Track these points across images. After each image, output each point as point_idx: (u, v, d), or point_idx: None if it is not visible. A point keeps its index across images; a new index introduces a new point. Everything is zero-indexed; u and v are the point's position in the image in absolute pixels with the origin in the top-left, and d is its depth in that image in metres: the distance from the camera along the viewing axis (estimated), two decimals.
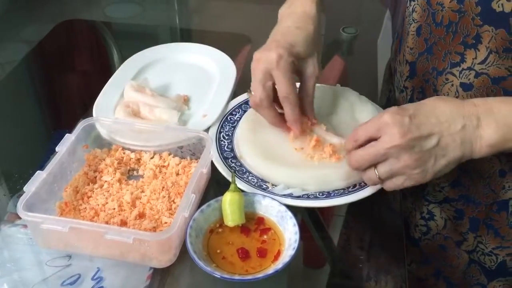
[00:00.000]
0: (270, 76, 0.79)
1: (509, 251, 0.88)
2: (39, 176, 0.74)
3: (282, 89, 0.79)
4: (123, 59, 1.11)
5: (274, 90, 0.81)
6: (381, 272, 0.77)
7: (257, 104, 0.81)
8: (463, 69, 0.80)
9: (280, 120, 0.84)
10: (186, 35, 1.47)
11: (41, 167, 0.76)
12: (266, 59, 0.79)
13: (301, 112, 0.83)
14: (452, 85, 0.82)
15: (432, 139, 0.69)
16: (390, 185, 0.74)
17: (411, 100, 0.93)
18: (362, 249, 0.81)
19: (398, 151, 0.69)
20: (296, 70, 0.82)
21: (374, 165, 0.72)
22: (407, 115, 0.69)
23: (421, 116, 0.70)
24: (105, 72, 1.21)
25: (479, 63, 0.78)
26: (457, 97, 0.82)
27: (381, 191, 0.79)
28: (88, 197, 0.80)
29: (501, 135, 0.69)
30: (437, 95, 0.85)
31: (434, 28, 0.83)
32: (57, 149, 0.79)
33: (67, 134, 0.82)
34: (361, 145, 0.73)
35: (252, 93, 0.81)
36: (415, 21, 0.87)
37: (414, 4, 0.87)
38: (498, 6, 0.72)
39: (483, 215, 0.88)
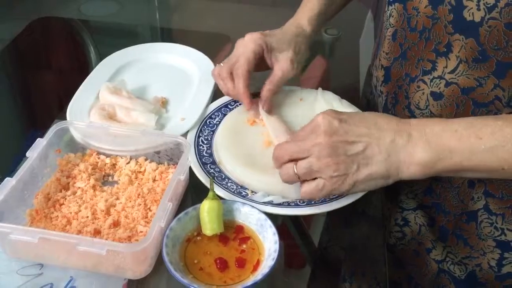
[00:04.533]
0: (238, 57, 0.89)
1: (478, 262, 0.87)
2: (8, 183, 0.71)
3: (240, 61, 0.87)
4: (100, 58, 1.08)
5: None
6: (361, 273, 0.76)
7: (216, 72, 0.91)
8: (434, 77, 0.79)
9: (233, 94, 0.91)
10: (165, 34, 1.44)
11: (12, 172, 0.73)
12: (242, 39, 0.90)
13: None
14: (423, 93, 0.82)
15: (358, 145, 0.68)
16: (307, 188, 0.71)
17: (386, 105, 0.92)
18: (343, 250, 0.80)
19: (320, 150, 0.68)
20: (270, 59, 0.90)
21: (295, 161, 0.71)
22: (337, 119, 0.69)
23: (351, 123, 0.70)
24: (82, 71, 1.18)
25: (449, 72, 0.77)
26: (427, 106, 0.82)
27: (362, 198, 0.78)
28: (60, 205, 0.77)
29: (430, 154, 0.67)
30: (409, 102, 0.85)
31: (409, 33, 0.82)
32: (27, 154, 0.76)
33: (38, 139, 0.78)
34: None
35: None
36: (392, 25, 0.86)
37: (392, 9, 0.85)
38: (469, 15, 0.71)
39: (452, 226, 0.87)
